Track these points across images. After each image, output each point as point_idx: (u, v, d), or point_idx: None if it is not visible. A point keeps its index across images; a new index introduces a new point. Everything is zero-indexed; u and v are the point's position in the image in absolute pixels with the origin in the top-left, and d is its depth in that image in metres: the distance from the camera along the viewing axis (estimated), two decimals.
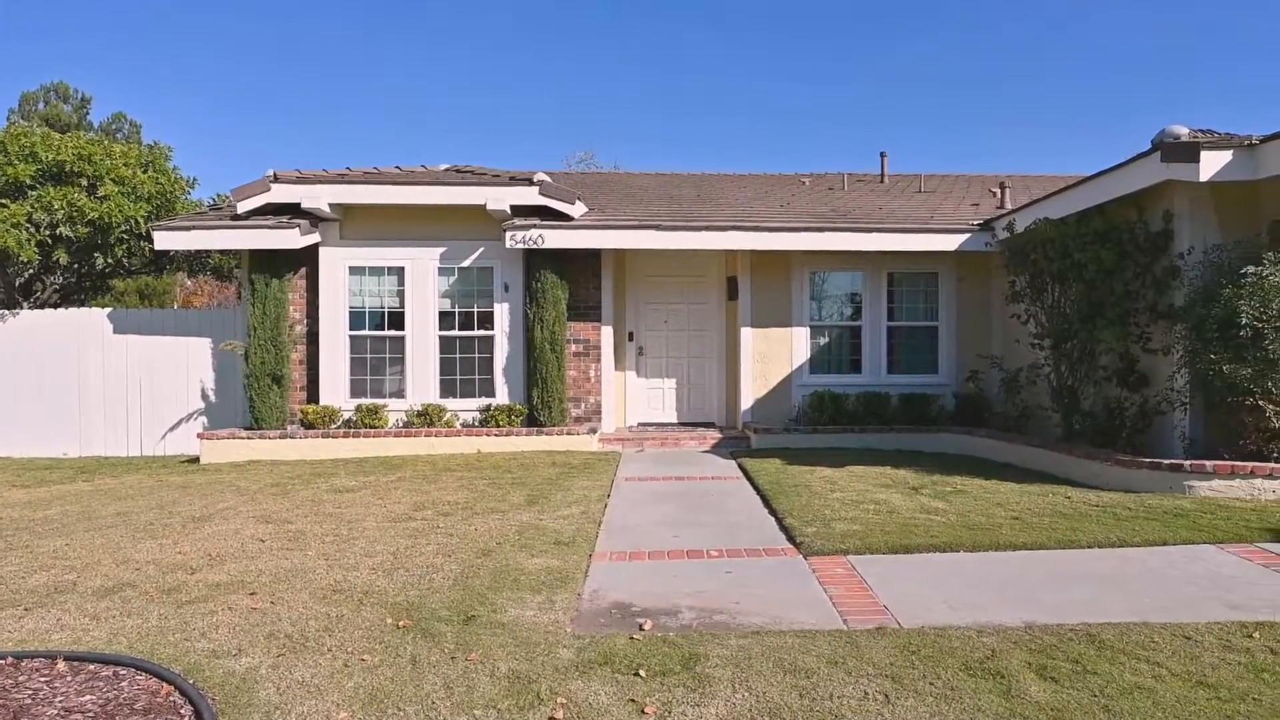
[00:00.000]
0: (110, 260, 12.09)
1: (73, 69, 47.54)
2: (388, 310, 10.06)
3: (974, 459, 8.77)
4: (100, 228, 11.29)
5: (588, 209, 10.22)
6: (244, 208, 9.58)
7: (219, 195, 13.06)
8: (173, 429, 10.58)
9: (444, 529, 5.62)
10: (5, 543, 5.50)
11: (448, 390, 10.03)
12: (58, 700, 3.04)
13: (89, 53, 47.37)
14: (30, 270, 12.32)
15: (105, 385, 10.57)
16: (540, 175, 9.50)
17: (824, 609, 3.95)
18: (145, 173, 12.28)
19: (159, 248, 10.27)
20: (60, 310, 11.20)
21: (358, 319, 10.03)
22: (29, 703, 3.01)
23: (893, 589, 4.21)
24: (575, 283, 10.02)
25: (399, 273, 10.02)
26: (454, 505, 6.44)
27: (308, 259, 9.96)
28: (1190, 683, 3.05)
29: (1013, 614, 3.79)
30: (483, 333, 10.05)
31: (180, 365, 10.58)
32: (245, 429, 9.78)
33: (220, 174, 53.32)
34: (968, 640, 3.48)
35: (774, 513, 6.08)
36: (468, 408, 9.95)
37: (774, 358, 10.45)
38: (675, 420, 11.01)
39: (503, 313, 10.00)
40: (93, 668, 3.31)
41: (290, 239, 9.47)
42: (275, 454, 9.29)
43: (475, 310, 10.08)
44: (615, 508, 6.40)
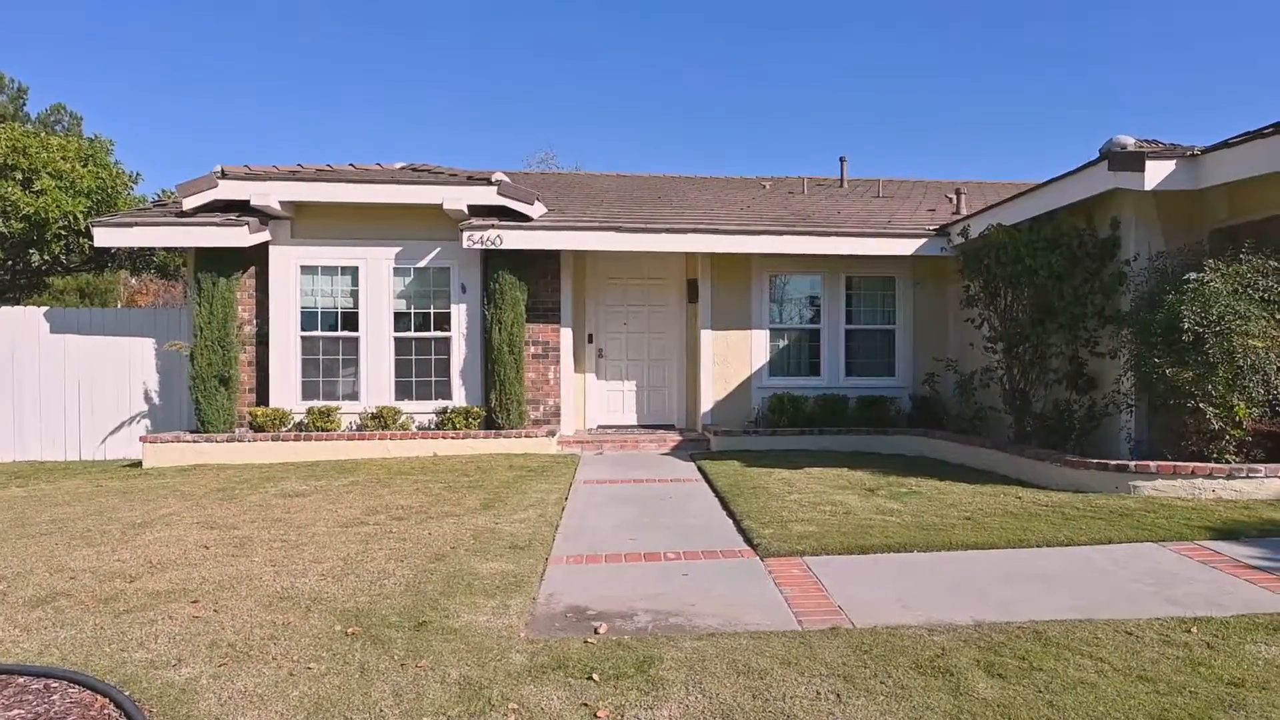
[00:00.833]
0: (47, 257, 11.66)
1: (7, 57, 45.82)
2: (341, 311, 9.86)
3: (929, 460, 8.90)
4: (36, 223, 10.89)
5: (547, 210, 10.15)
6: (190, 204, 9.29)
7: (164, 191, 12.69)
8: (114, 432, 10.22)
9: (397, 533, 5.51)
10: None
11: (403, 392, 9.86)
12: None
13: (24, 41, 45.68)
14: None
15: (42, 387, 10.15)
16: (499, 175, 9.40)
17: (779, 610, 3.96)
18: (85, 167, 11.88)
19: (99, 245, 9.90)
20: None
21: (310, 319, 9.81)
22: None
23: (847, 589, 4.23)
24: (534, 284, 9.94)
25: (353, 272, 9.82)
26: (408, 509, 6.31)
27: (257, 258, 9.72)
28: (1131, 677, 3.12)
29: (963, 613, 3.84)
30: (439, 334, 9.91)
31: (122, 366, 10.21)
32: (191, 432, 9.49)
33: (166, 171, 51.80)
34: (919, 639, 3.51)
35: (732, 515, 6.08)
36: (424, 410, 9.80)
37: (734, 360, 10.50)
38: (635, 423, 10.99)
39: (460, 314, 9.87)
40: (22, 681, 3.16)
41: (239, 237, 9.22)
42: (222, 458, 9.03)
43: (432, 311, 9.93)
44: (573, 511, 6.35)
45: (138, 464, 9.23)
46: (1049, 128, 55.99)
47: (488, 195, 9.24)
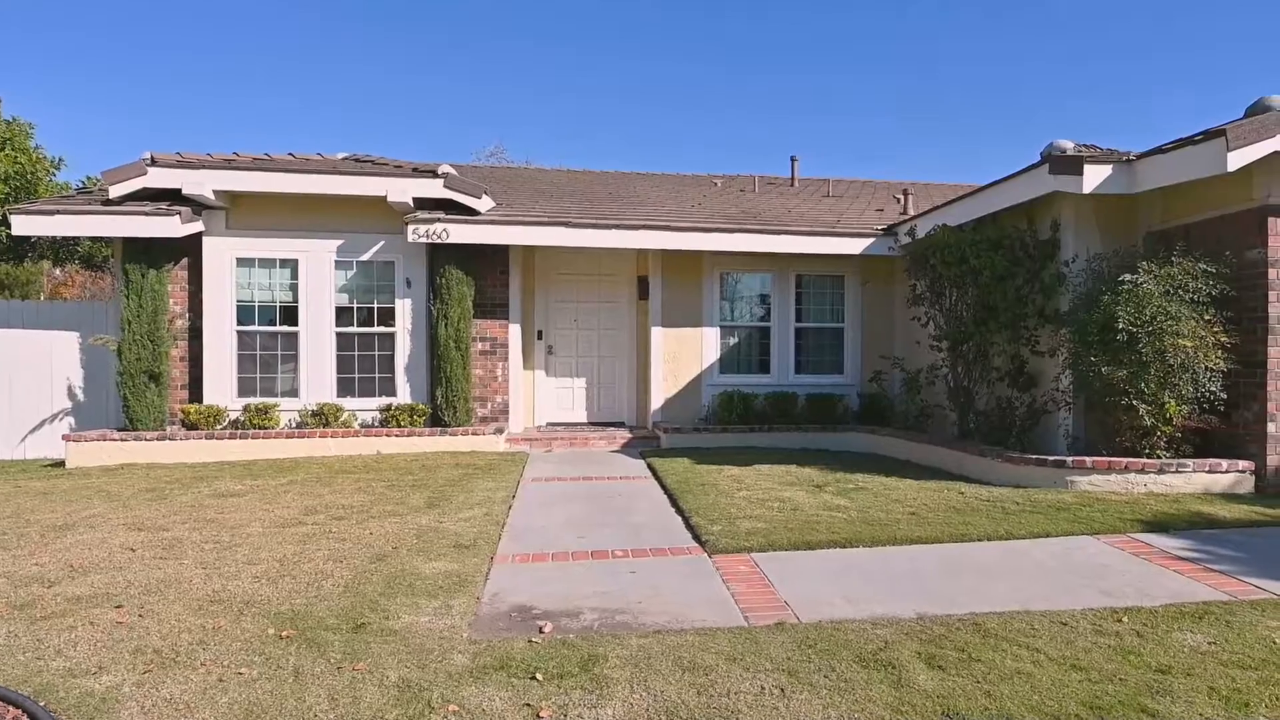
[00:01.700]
0: None
1: None
2: (280, 305, 9.54)
3: (877, 457, 9.03)
4: None
5: (496, 204, 10.00)
6: (117, 192, 8.87)
7: (89, 178, 12.10)
8: (35, 430, 9.71)
9: (336, 533, 5.35)
10: None
11: (345, 389, 9.61)
12: None
13: None
14: None
15: None
16: (445, 167, 9.21)
17: (726, 607, 3.95)
18: (2, 151, 11.24)
19: (18, 233, 9.36)
20: None
21: (246, 313, 9.48)
22: None
23: (794, 585, 4.25)
24: (482, 279, 9.78)
25: (292, 265, 9.52)
26: (348, 509, 6.14)
27: (190, 249, 9.35)
28: (1065, 666, 3.18)
29: (906, 606, 3.88)
30: (383, 329, 9.67)
31: (44, 361, 9.70)
32: (118, 430, 9.08)
33: (92, 158, 49.61)
34: (863, 633, 3.54)
35: (681, 512, 6.06)
36: (367, 407, 9.56)
37: (684, 358, 10.50)
38: (585, 420, 10.91)
39: (405, 309, 9.65)
40: None
41: (169, 227, 8.85)
42: (152, 457, 8.66)
43: (375, 306, 9.69)
44: (520, 509, 6.25)
45: (61, 464, 8.80)
46: (996, 128, 57.58)
47: (434, 188, 9.04)
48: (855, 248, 10.07)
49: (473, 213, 9.34)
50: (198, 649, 3.38)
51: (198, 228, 9.14)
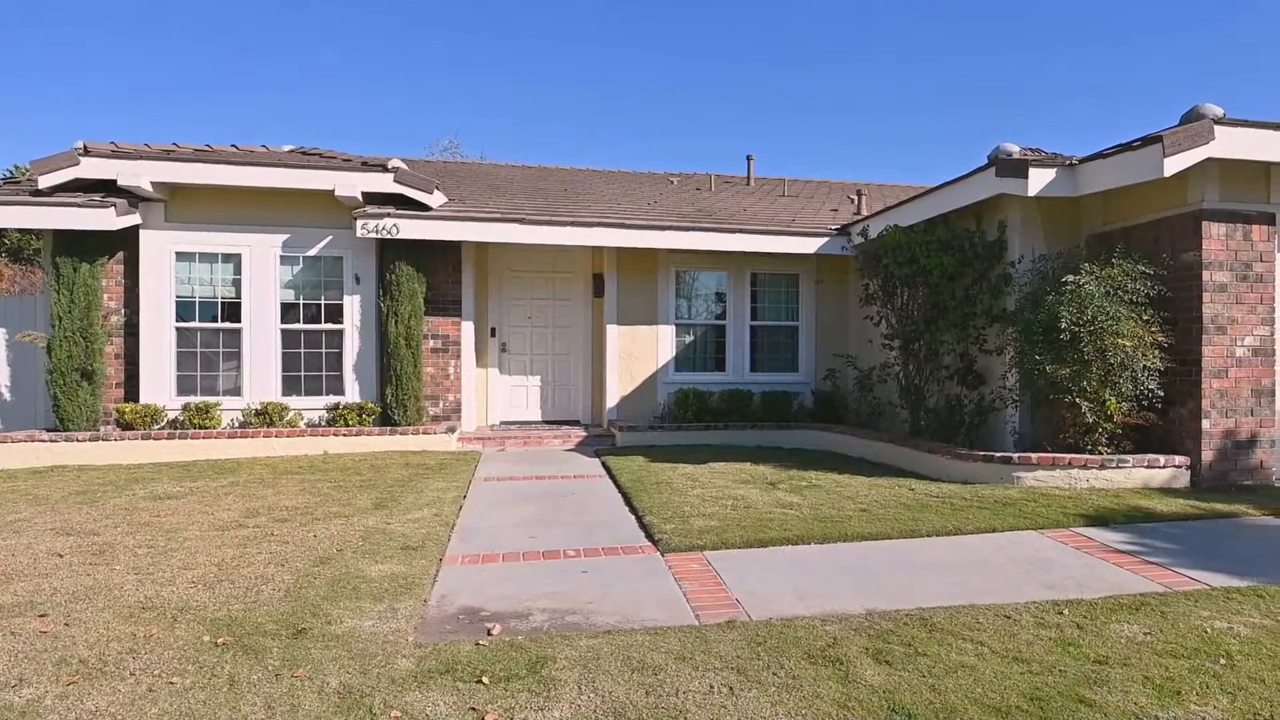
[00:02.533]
0: None
1: None
2: (222, 300, 9.24)
3: (830, 454, 9.12)
4: None
5: (448, 199, 9.83)
6: (47, 182, 8.47)
7: (17, 168, 11.58)
8: None
9: (279, 536, 5.18)
10: None
11: (291, 388, 9.35)
12: None
13: None
14: None
15: None
16: (395, 161, 9.01)
17: (677, 605, 3.92)
18: None
19: None
20: None
21: (187, 309, 9.16)
22: None
23: (745, 583, 4.24)
24: (434, 276, 9.61)
25: (235, 260, 9.23)
26: (292, 510, 5.96)
27: (126, 242, 8.99)
28: (1008, 659, 3.23)
29: (856, 602, 3.90)
30: (331, 326, 9.44)
31: None
32: (48, 431, 8.70)
33: (17, 148, 47.41)
34: (812, 629, 3.54)
35: (634, 511, 6.03)
36: (314, 406, 9.32)
37: (640, 356, 10.47)
38: (540, 419, 10.81)
39: (353, 305, 9.43)
40: None
41: (104, 219, 8.48)
42: (85, 458, 8.30)
43: (323, 302, 9.44)
44: (471, 509, 6.15)
45: None
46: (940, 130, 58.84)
47: (384, 182, 8.84)
48: (810, 247, 10.16)
49: (424, 208, 9.17)
50: (127, 658, 3.23)
51: (134, 220, 8.79)
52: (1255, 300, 6.72)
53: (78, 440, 8.38)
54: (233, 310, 9.24)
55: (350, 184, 8.79)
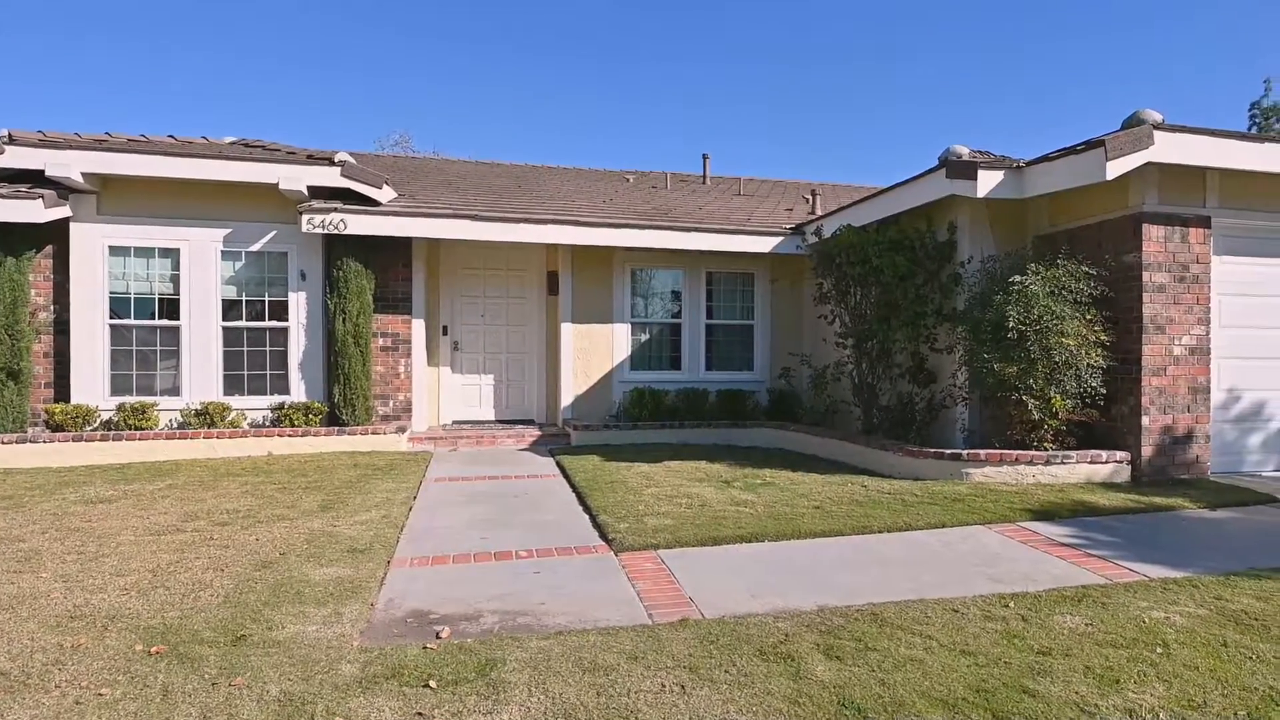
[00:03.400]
0: None
1: None
2: (160, 297, 8.89)
3: (785, 452, 9.17)
4: None
5: (399, 195, 9.63)
6: None
7: None
8: None
9: (219, 540, 5.00)
10: None
11: (233, 387, 9.05)
12: None
13: None
14: None
15: None
16: (342, 155, 8.78)
17: (631, 605, 3.88)
18: None
19: None
20: None
21: (121, 306, 8.79)
22: None
23: (699, 581, 4.22)
24: (383, 272, 9.40)
25: (174, 255, 8.88)
26: (234, 514, 5.76)
27: (56, 235, 8.60)
28: (955, 652, 3.27)
29: (808, 598, 3.91)
30: (276, 324, 9.15)
31: None
32: None
33: None
34: (764, 626, 3.54)
35: (589, 510, 5.97)
36: (257, 406, 9.03)
37: (595, 354, 10.41)
38: (493, 418, 10.67)
39: (299, 302, 9.16)
40: None
41: (30, 211, 8.08)
42: (11, 462, 7.90)
43: (267, 299, 9.15)
44: (421, 510, 6.02)
45: None
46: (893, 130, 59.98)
47: (330, 176, 8.61)
48: (765, 246, 10.21)
49: (373, 203, 8.96)
50: (53, 670, 3.08)
51: (64, 213, 8.41)
52: (1192, 301, 6.95)
53: (3, 443, 7.97)
54: (171, 307, 8.89)
55: (295, 177, 8.53)
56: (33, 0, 45.12)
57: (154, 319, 8.87)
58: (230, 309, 9.05)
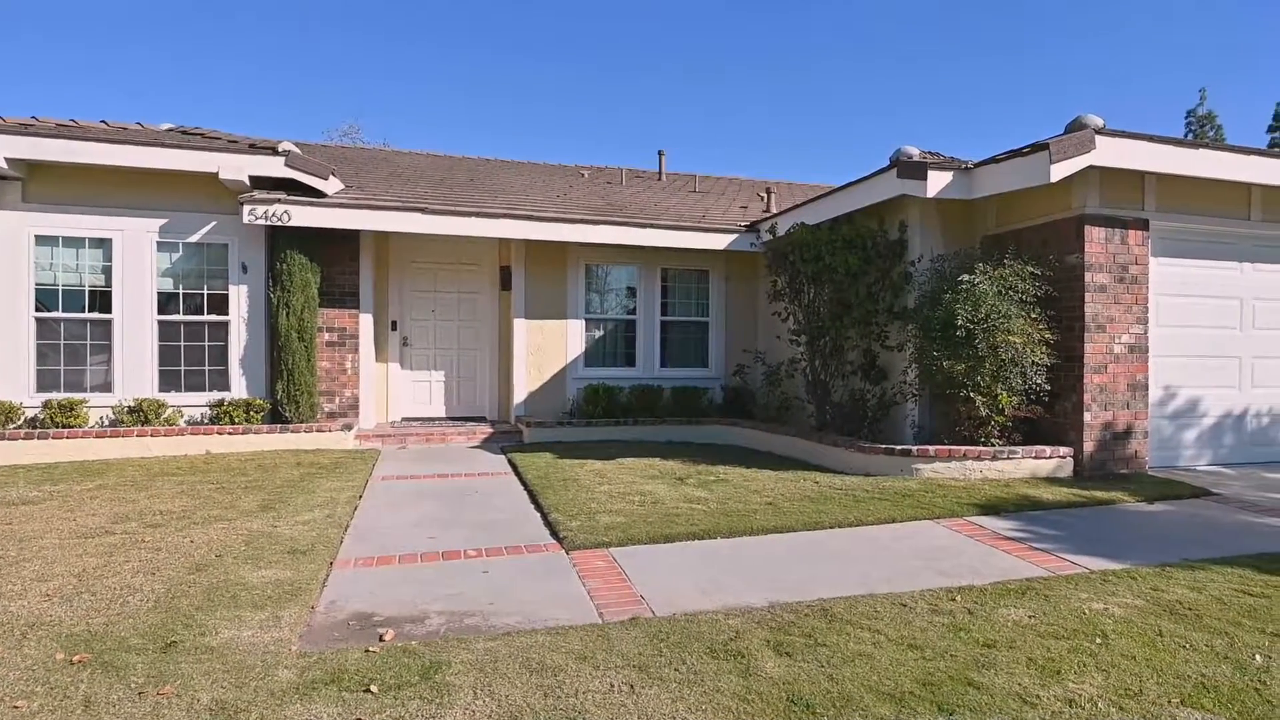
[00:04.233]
0: None
1: None
2: (91, 289, 8.49)
3: (739, 448, 9.19)
4: None
5: (346, 186, 9.37)
6: None
7: None
8: None
9: (150, 543, 4.79)
10: None
11: (169, 383, 8.69)
12: None
13: None
14: None
15: None
16: (287, 145, 8.50)
17: (581, 604, 3.83)
18: None
19: None
20: None
21: (49, 298, 8.37)
22: None
23: (651, 578, 4.18)
24: (330, 266, 9.14)
25: (106, 245, 8.49)
26: (167, 515, 5.53)
27: None
28: (903, 646, 3.29)
29: (759, 595, 3.90)
30: (215, 318, 8.82)
31: None
32: None
33: None
34: (715, 623, 3.51)
35: (540, 508, 5.88)
36: (195, 403, 8.69)
37: (549, 350, 10.30)
38: (444, 415, 10.48)
39: (240, 296, 8.84)
40: None
41: None
42: None
43: (206, 292, 8.81)
44: (367, 510, 5.86)
45: None
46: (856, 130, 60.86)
47: (274, 166, 8.31)
48: (720, 243, 10.22)
49: (319, 194, 8.69)
50: None
51: None
52: (1131, 300, 7.15)
53: None
54: (103, 299, 8.49)
55: (236, 167, 8.21)
56: None
57: (84, 312, 8.46)
58: (167, 302, 8.69)
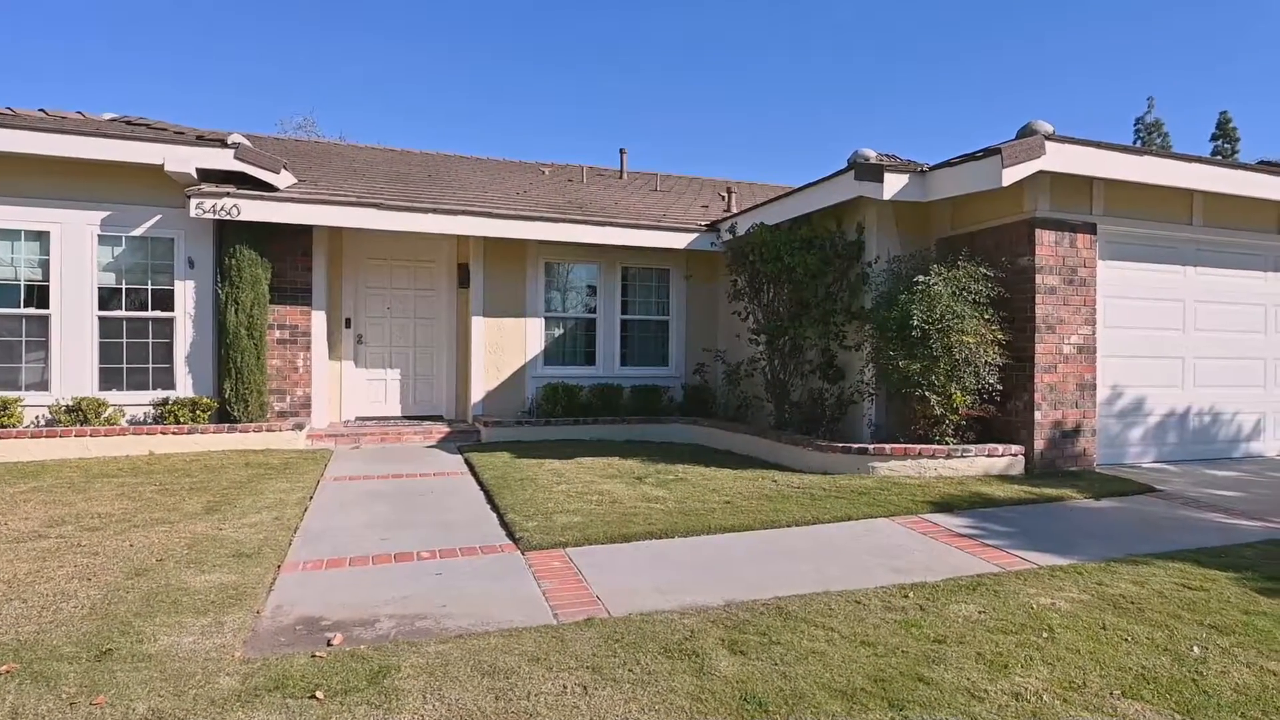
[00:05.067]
0: None
1: None
2: (26, 283, 8.13)
3: (698, 447, 9.21)
4: None
5: (299, 180, 9.15)
6: None
7: None
8: None
9: (88, 547, 4.60)
10: None
11: (111, 381, 8.37)
12: None
13: None
14: None
15: None
16: (236, 137, 8.25)
17: (535, 605, 3.77)
18: None
19: None
20: None
21: None
22: None
23: (607, 579, 4.15)
24: (281, 261, 8.91)
25: (42, 238, 8.14)
26: (106, 518, 5.32)
27: None
28: (856, 643, 3.30)
29: (715, 594, 3.89)
30: (160, 314, 8.52)
31: None
32: None
33: None
34: (670, 623, 3.49)
35: (496, 508, 5.81)
36: (138, 402, 8.39)
37: (507, 349, 10.19)
38: (399, 414, 10.30)
39: (187, 292, 8.55)
40: None
41: None
42: None
43: (150, 288, 8.50)
44: (317, 511, 5.72)
45: None
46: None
47: (223, 159, 8.06)
48: (680, 242, 10.22)
49: (270, 188, 8.46)
50: None
51: None
52: (1080, 302, 7.33)
53: None
54: (40, 294, 8.15)
55: (182, 159, 7.94)
56: None
57: (19, 307, 8.10)
58: (109, 298, 8.37)
